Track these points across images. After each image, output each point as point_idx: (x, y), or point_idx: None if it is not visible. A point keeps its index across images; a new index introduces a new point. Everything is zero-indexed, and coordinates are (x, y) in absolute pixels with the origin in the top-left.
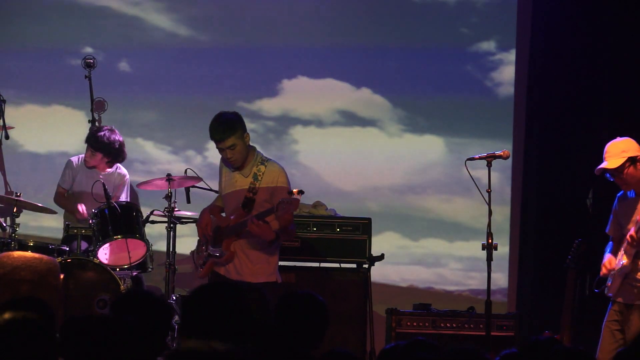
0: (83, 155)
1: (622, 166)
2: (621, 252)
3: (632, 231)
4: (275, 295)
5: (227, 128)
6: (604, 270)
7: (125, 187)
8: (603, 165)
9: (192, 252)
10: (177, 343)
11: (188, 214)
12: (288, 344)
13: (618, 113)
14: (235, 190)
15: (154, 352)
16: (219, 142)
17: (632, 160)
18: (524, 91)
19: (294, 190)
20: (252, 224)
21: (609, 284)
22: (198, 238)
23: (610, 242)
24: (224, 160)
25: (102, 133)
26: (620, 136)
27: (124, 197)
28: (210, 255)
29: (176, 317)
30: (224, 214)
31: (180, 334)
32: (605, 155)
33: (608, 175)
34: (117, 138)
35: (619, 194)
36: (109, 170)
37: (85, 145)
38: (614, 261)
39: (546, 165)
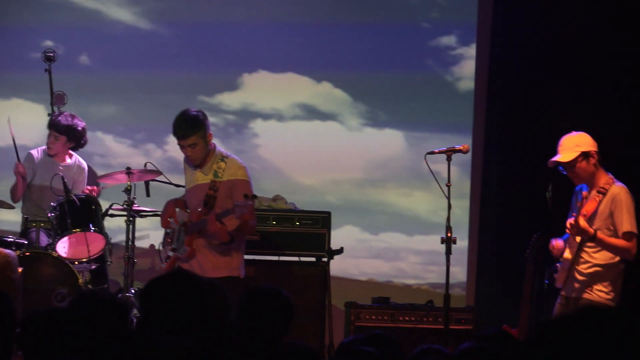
0: (43, 147)
1: (575, 160)
2: (566, 246)
3: (571, 218)
4: (237, 290)
5: (190, 126)
6: (554, 252)
7: (85, 179)
8: (556, 158)
9: (154, 247)
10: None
11: (147, 208)
12: (251, 338)
13: (577, 107)
14: (197, 188)
15: (111, 347)
16: (180, 139)
17: (584, 155)
18: (484, 86)
19: (248, 194)
20: (210, 224)
21: (556, 275)
22: (165, 231)
23: (565, 234)
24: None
25: (64, 117)
26: (578, 130)
27: (82, 189)
28: (174, 251)
29: (135, 311)
30: (188, 210)
31: (139, 326)
32: (559, 148)
33: (561, 168)
34: (79, 122)
35: (576, 188)
36: (68, 161)
37: (46, 135)
38: (562, 245)
39: (505, 159)
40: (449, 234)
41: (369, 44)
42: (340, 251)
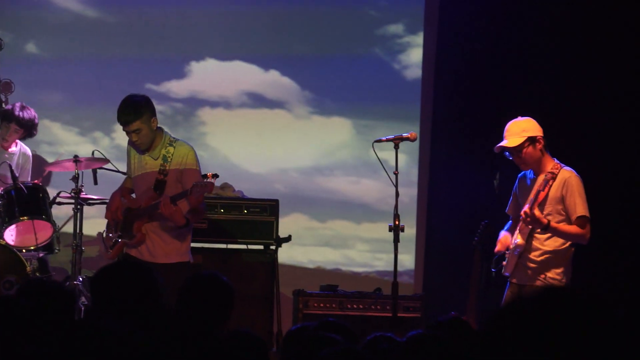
0: None
1: (522, 145)
2: (517, 231)
3: (526, 207)
4: (187, 275)
5: (133, 112)
6: (498, 247)
7: (30, 167)
8: (503, 143)
9: (100, 234)
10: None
11: (95, 196)
12: (192, 324)
13: (525, 95)
14: (146, 173)
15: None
16: (124, 126)
17: (531, 140)
18: (431, 74)
19: (209, 174)
20: (165, 207)
21: (504, 263)
22: (107, 221)
23: (509, 222)
24: (131, 143)
25: (26, 111)
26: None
27: (29, 176)
28: (121, 237)
29: (82, 299)
30: (134, 196)
31: (89, 314)
32: (506, 133)
33: (507, 153)
34: (34, 113)
35: (520, 174)
36: (14, 149)
37: None
38: (509, 239)
39: (453, 147)
40: (397, 222)
41: (317, 32)
42: (288, 239)
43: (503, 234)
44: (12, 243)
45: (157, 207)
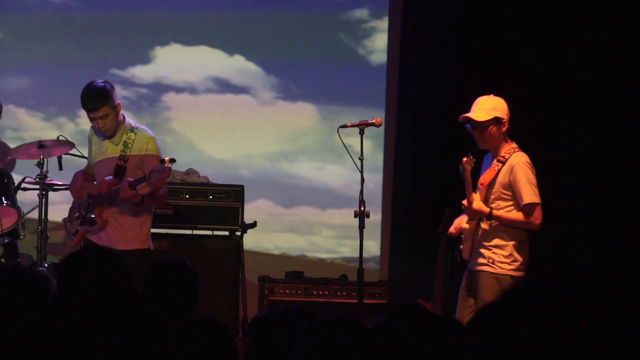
0: None
1: (487, 122)
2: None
3: (464, 200)
4: (148, 262)
5: (99, 98)
6: (450, 229)
7: None
8: (469, 114)
9: (64, 220)
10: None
11: (60, 182)
12: (158, 311)
13: (491, 78)
14: (106, 159)
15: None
16: (90, 112)
17: (497, 121)
18: (396, 59)
19: (166, 158)
20: (123, 191)
21: (461, 246)
22: (70, 206)
23: None
24: (94, 129)
25: None
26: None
27: None
28: (83, 223)
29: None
30: (95, 183)
31: (56, 301)
32: (474, 106)
33: (468, 125)
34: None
35: (485, 156)
36: None
37: None
38: (463, 221)
39: (418, 132)
40: (362, 208)
41: (281, 17)
42: (253, 225)
43: (459, 217)
44: None
45: (117, 192)
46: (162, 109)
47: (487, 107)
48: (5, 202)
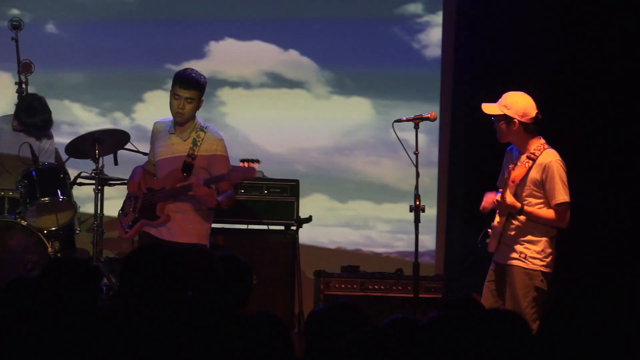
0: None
1: (498, 117)
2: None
3: (498, 195)
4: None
5: (197, 81)
6: (483, 204)
7: (53, 150)
8: (487, 104)
9: (120, 213)
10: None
11: (116, 176)
12: (212, 306)
13: (546, 73)
14: (173, 155)
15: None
16: (182, 89)
17: (506, 118)
18: (450, 53)
19: (246, 162)
20: (198, 188)
21: (488, 240)
22: (125, 199)
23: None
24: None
25: (47, 112)
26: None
27: (51, 160)
28: (142, 217)
29: (104, 279)
30: (155, 178)
31: (117, 295)
32: (500, 100)
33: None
34: (49, 110)
35: (507, 149)
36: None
37: (14, 105)
38: (493, 196)
39: (473, 126)
40: (417, 202)
41: (336, 11)
42: (309, 219)
43: (488, 194)
44: (33, 224)
45: (187, 188)
46: (216, 104)
47: (503, 102)
48: (62, 197)
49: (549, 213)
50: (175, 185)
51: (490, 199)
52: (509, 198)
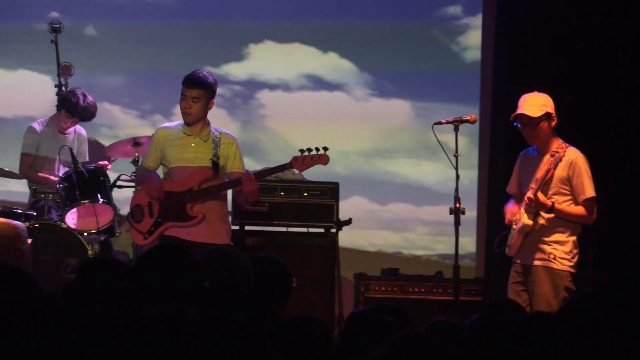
0: (44, 119)
1: (540, 118)
2: (522, 212)
3: (529, 192)
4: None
5: (202, 80)
6: (508, 216)
7: (86, 147)
8: (522, 111)
9: (129, 219)
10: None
11: None
12: (252, 307)
13: (585, 75)
14: (196, 157)
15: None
16: (188, 88)
17: (548, 116)
18: (490, 55)
19: (321, 147)
20: (250, 182)
21: (509, 243)
22: (133, 206)
23: (511, 199)
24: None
25: (88, 104)
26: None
27: (86, 157)
28: (167, 220)
29: None
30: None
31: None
32: (522, 104)
33: (516, 123)
34: (94, 104)
35: (521, 152)
36: (70, 131)
37: (53, 106)
38: (516, 211)
39: (513, 128)
40: (457, 205)
41: (375, 14)
42: (348, 222)
43: (511, 207)
44: (73, 226)
45: (235, 183)
46: (256, 107)
47: (538, 103)
48: (102, 199)
49: (579, 209)
50: (202, 184)
51: (514, 210)
52: (541, 196)
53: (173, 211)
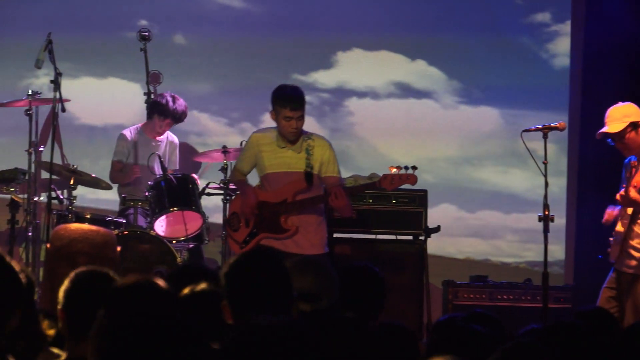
0: (136, 127)
1: (624, 131)
2: (619, 218)
3: (622, 190)
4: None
5: (303, 98)
6: (605, 217)
7: (177, 155)
8: (604, 129)
9: (227, 230)
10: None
11: None
12: (346, 316)
13: None
14: (290, 170)
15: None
16: (294, 111)
17: (633, 125)
18: (579, 62)
19: (410, 166)
20: (341, 198)
21: (609, 250)
22: (230, 214)
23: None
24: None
25: (179, 104)
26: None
27: (176, 165)
28: (261, 231)
29: None
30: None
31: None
32: (607, 120)
33: (609, 140)
34: (184, 103)
35: (625, 161)
36: (161, 137)
37: (144, 116)
38: (615, 213)
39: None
40: (546, 212)
41: (463, 22)
42: (437, 229)
43: (611, 207)
44: (162, 234)
45: (319, 199)
46: (344, 114)
47: (619, 116)
48: (191, 207)
49: None
50: (296, 196)
51: (613, 211)
52: (633, 193)
53: (268, 222)
